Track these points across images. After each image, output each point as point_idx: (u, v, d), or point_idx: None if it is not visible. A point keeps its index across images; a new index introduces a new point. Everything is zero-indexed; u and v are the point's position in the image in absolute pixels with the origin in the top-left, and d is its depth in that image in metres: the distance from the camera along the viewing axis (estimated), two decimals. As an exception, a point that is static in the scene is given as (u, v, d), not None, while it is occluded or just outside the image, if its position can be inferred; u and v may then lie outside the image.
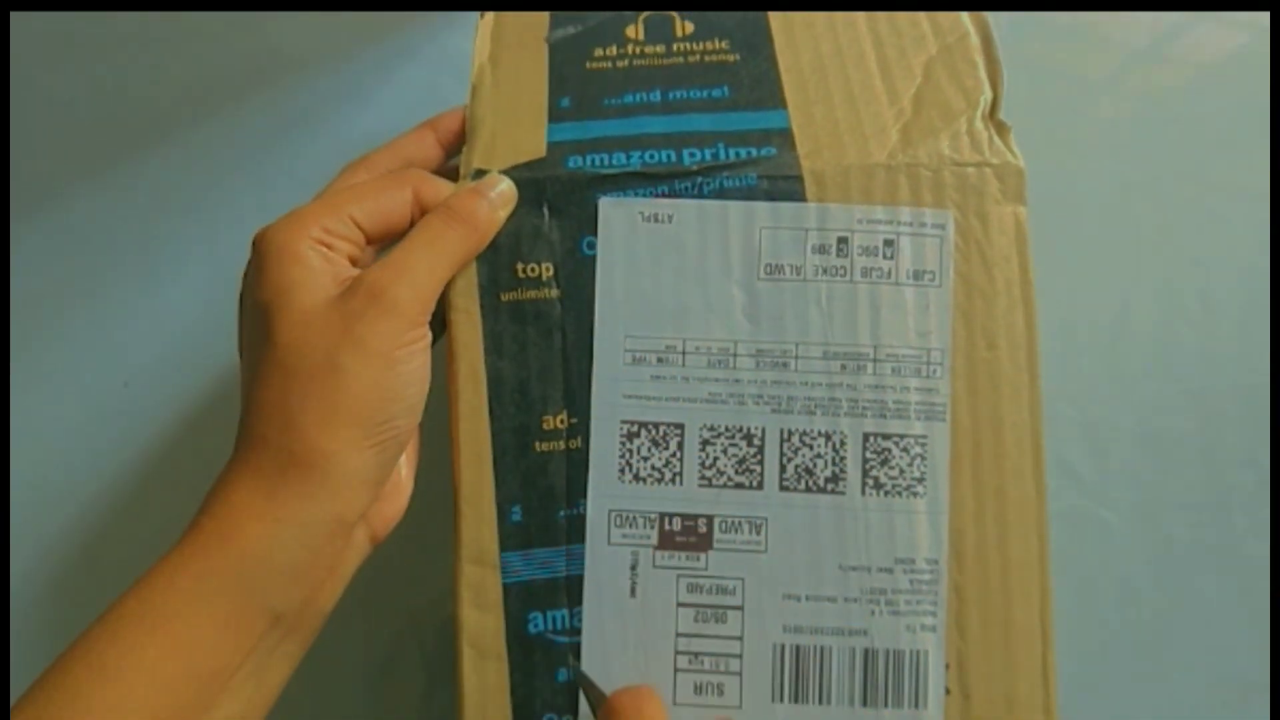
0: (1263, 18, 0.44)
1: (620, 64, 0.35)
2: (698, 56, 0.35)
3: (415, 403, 0.29)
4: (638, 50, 0.36)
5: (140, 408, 0.42)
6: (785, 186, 0.31)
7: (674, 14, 0.37)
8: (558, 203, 0.31)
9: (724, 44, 0.36)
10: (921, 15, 0.36)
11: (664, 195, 0.31)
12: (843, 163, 0.31)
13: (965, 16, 0.35)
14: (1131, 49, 0.44)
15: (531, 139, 0.33)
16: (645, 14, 0.37)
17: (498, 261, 0.31)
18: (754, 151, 0.32)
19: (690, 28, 0.36)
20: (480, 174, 0.32)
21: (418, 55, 0.44)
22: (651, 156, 0.32)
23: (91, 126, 0.43)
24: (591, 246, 0.31)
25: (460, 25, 0.44)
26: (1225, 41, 0.44)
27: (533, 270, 0.31)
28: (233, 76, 0.43)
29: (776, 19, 0.36)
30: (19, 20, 0.43)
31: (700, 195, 0.31)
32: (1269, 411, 0.41)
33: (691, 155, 0.32)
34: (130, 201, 0.43)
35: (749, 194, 0.31)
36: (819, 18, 0.36)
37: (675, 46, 0.36)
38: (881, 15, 0.36)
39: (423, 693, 0.40)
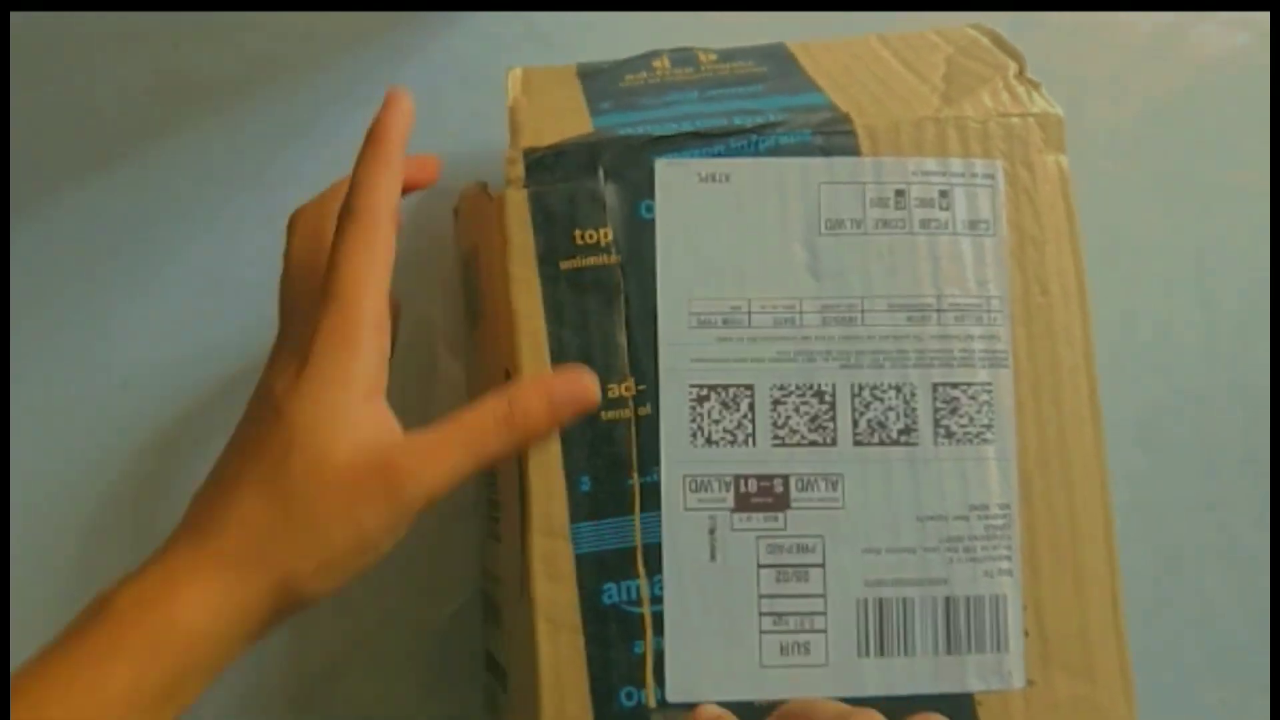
0: (1263, 18, 0.44)
1: (653, 81, 0.36)
2: (727, 71, 0.36)
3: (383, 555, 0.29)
4: (666, 74, 0.36)
5: (140, 408, 0.41)
6: (840, 141, 0.31)
7: (695, 49, 0.37)
8: (614, 167, 0.31)
9: (749, 63, 0.36)
10: (929, 30, 0.37)
11: (720, 155, 0.31)
12: (892, 118, 0.32)
13: (969, 28, 0.37)
14: (1131, 49, 0.43)
15: (578, 125, 0.32)
16: (668, 51, 0.38)
17: (555, 230, 0.31)
18: (803, 114, 0.32)
19: (713, 56, 0.37)
20: (531, 153, 0.31)
21: (418, 55, 0.43)
22: (703, 122, 0.31)
23: (91, 126, 0.42)
24: (650, 210, 0.31)
25: (460, 25, 0.43)
26: (1225, 41, 0.43)
27: (591, 236, 0.31)
28: (231, 76, 0.42)
29: (794, 45, 0.37)
30: (19, 20, 0.42)
31: (756, 153, 0.31)
32: (1269, 411, 0.41)
33: (742, 119, 0.32)
34: (129, 202, 0.42)
35: (804, 150, 0.31)
36: (833, 41, 0.37)
37: (703, 68, 0.36)
38: (891, 35, 0.37)
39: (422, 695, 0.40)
